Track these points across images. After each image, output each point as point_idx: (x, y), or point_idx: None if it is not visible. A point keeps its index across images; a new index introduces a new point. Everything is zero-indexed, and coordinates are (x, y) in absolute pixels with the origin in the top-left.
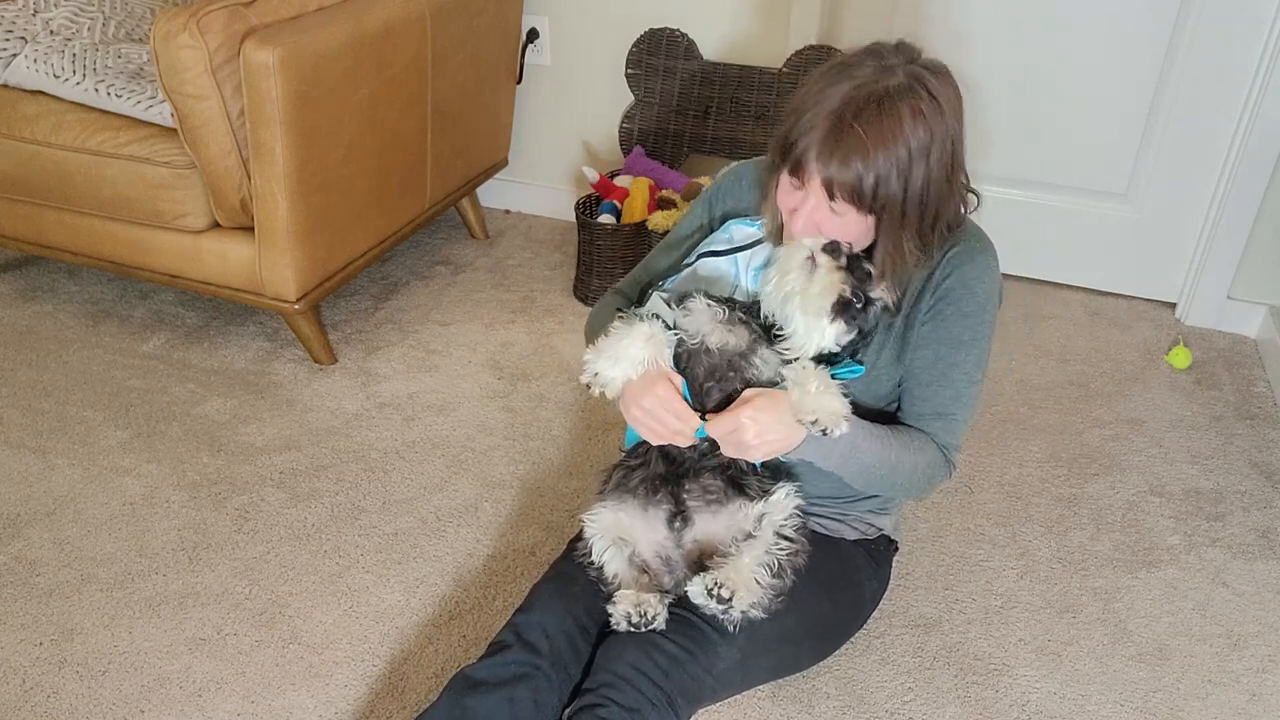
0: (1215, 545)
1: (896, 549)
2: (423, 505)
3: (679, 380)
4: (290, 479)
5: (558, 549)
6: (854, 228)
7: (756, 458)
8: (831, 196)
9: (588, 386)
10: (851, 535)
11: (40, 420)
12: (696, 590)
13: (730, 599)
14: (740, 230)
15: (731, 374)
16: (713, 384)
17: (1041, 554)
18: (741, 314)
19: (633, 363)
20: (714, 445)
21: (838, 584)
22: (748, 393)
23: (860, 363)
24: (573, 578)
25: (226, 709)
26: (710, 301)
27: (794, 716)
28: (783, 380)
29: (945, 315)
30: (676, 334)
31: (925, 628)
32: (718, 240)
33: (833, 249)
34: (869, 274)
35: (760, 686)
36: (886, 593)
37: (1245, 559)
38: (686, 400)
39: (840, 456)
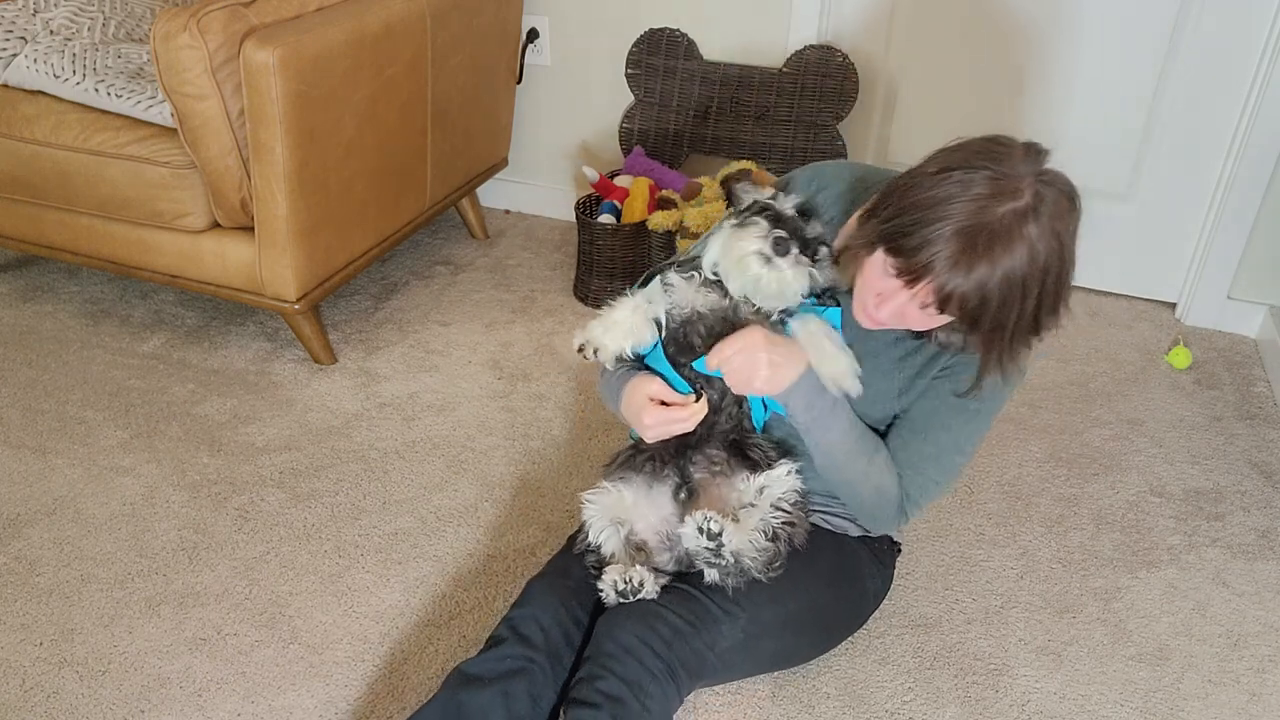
0: (1215, 545)
1: (899, 550)
2: (423, 505)
3: (658, 384)
4: (290, 479)
5: (557, 549)
6: (939, 322)
7: (762, 385)
8: (942, 310)
9: (580, 350)
10: (855, 532)
11: (40, 420)
12: (689, 532)
13: (720, 534)
14: None
15: (729, 330)
16: (713, 340)
17: (1041, 554)
18: (712, 275)
19: (623, 329)
20: (722, 398)
21: (840, 577)
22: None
23: (837, 303)
24: (567, 572)
25: (226, 709)
26: (682, 274)
27: (794, 716)
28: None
29: (960, 377)
30: (655, 307)
31: (925, 628)
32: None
33: (782, 248)
34: (798, 235)
35: (760, 687)
36: (888, 593)
37: (1245, 559)
38: (674, 384)
39: (817, 414)
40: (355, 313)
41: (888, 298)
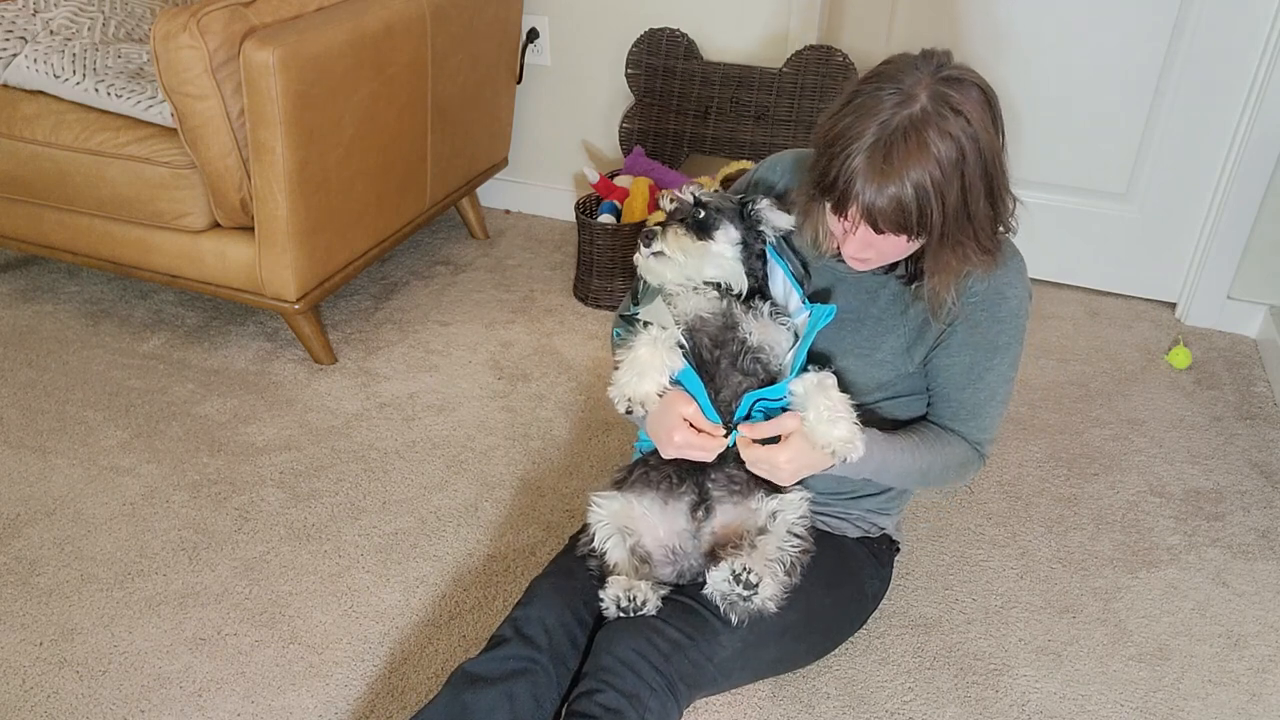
0: (1215, 545)
1: (898, 550)
2: (422, 505)
3: (693, 408)
4: (290, 479)
5: (557, 549)
6: (903, 244)
7: (784, 480)
8: (876, 229)
9: (629, 413)
10: (854, 533)
11: (40, 420)
12: (721, 576)
13: (757, 585)
14: None
15: (730, 335)
16: (719, 351)
17: (1041, 554)
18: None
19: (655, 368)
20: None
21: (840, 581)
22: (788, 422)
23: (828, 303)
24: (572, 572)
25: (226, 709)
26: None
27: (794, 716)
28: (790, 393)
29: (979, 321)
30: (676, 328)
31: (925, 628)
32: None
33: (647, 239)
34: (675, 217)
35: (760, 687)
36: (887, 593)
37: (1245, 559)
38: (705, 410)
39: (871, 472)
40: (355, 313)
41: (844, 236)
